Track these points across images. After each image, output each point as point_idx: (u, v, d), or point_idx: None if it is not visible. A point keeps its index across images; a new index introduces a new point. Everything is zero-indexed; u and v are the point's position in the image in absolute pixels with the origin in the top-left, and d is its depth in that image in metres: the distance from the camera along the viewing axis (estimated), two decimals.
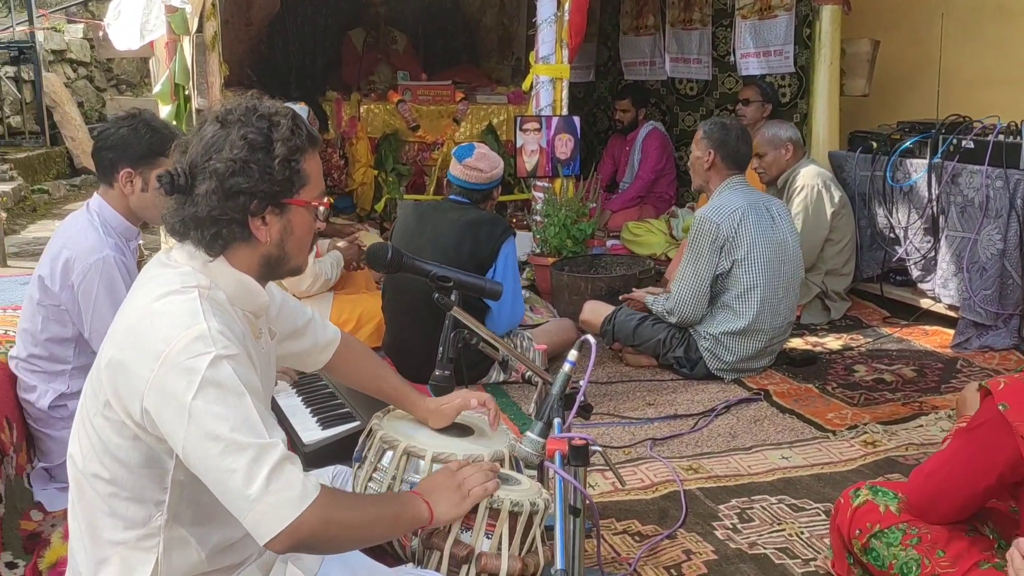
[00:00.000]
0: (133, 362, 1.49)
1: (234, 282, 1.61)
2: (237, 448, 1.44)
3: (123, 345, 1.53)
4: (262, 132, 1.56)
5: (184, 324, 1.49)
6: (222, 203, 1.54)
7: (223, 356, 1.47)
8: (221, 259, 1.60)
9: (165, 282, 1.56)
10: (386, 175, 6.24)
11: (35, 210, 7.79)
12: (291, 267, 1.69)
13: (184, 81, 4.81)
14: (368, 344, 4.01)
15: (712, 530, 2.64)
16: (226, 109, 1.61)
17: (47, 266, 2.58)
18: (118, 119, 2.60)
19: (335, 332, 2.01)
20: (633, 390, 3.76)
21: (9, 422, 2.57)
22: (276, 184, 1.57)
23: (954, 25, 5.12)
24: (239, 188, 1.54)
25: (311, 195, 1.63)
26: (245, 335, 1.61)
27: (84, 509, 1.61)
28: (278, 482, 1.45)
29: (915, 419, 3.40)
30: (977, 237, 4.13)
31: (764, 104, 5.36)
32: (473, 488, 1.69)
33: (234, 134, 1.55)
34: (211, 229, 1.56)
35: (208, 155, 1.55)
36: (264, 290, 1.68)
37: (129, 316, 1.57)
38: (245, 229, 1.58)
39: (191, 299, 1.52)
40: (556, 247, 4.83)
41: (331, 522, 1.50)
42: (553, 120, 4.98)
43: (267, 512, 1.44)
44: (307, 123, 1.64)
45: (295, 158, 1.58)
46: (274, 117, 1.58)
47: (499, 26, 8.10)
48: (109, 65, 10.82)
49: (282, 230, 1.61)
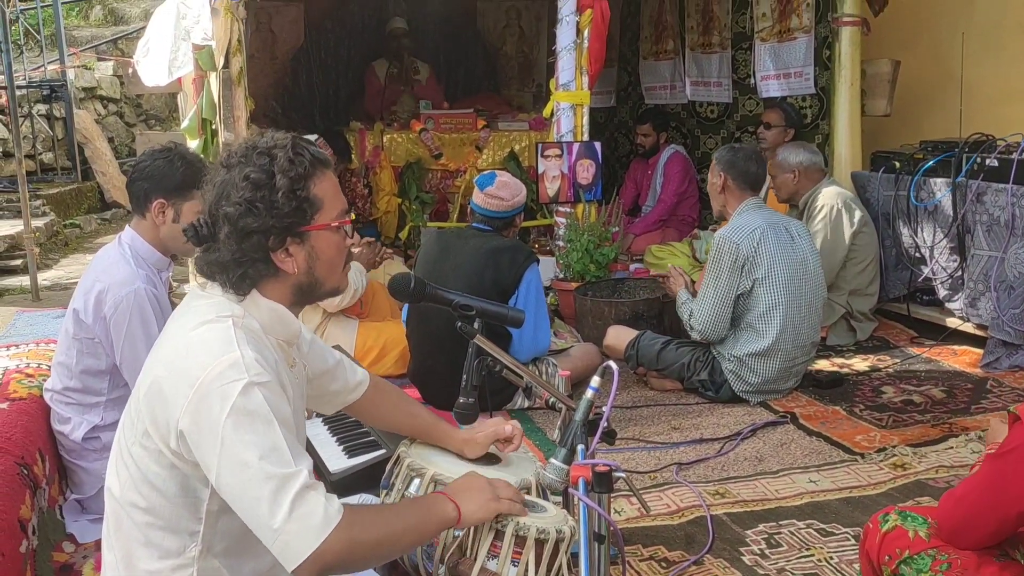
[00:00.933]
0: (170, 389, 1.53)
1: (268, 311, 1.64)
2: (264, 476, 1.46)
3: (160, 374, 1.56)
4: (263, 169, 1.58)
5: (219, 351, 1.52)
6: (240, 245, 1.58)
7: (255, 383, 1.50)
8: (254, 291, 1.63)
9: (201, 312, 1.60)
10: (410, 203, 6.30)
11: (67, 244, 7.93)
12: (327, 290, 1.71)
13: (211, 116, 4.91)
14: (393, 372, 4.05)
15: (740, 556, 2.62)
16: (228, 152, 1.64)
17: (81, 299, 2.63)
18: (154, 151, 2.67)
19: (364, 374, 2.02)
20: (658, 414, 3.75)
21: (42, 454, 2.61)
22: (286, 217, 1.58)
23: (975, 42, 5.10)
24: (251, 228, 1.57)
25: (329, 217, 1.64)
26: (278, 363, 1.64)
27: (120, 539, 1.64)
28: (300, 510, 1.47)
29: (945, 441, 3.36)
30: (1004, 256, 4.09)
31: (786, 129, 5.34)
32: (504, 498, 1.69)
33: (237, 175, 1.58)
34: (236, 271, 1.60)
35: (219, 201, 1.59)
36: (297, 319, 1.70)
37: (166, 346, 1.61)
38: (270, 265, 1.61)
39: (226, 328, 1.56)
40: (579, 272, 4.85)
41: (356, 542, 1.52)
42: (574, 146, 5.02)
43: (292, 540, 1.46)
44: (310, 148, 1.64)
45: (300, 187, 1.59)
46: (272, 151, 1.60)
47: (519, 54, 8.19)
48: (138, 101, 11.04)
49: (307, 258, 1.63)
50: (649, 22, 7.12)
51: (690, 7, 6.66)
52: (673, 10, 6.85)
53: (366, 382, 2.01)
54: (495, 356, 2.06)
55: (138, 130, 10.80)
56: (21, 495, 2.29)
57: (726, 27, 6.35)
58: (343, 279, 1.73)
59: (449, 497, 1.66)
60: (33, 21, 10.43)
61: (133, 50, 7.28)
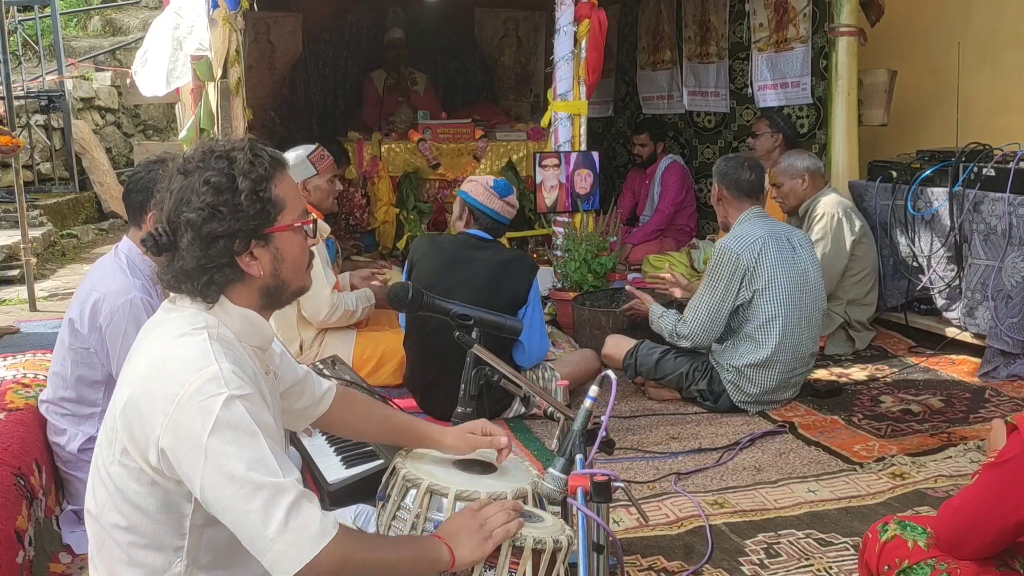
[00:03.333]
0: (148, 406, 1.51)
1: (239, 318, 1.62)
2: (254, 488, 1.45)
3: (137, 390, 1.54)
4: (223, 172, 1.56)
5: (196, 366, 1.50)
6: (205, 251, 1.56)
7: (236, 396, 1.48)
8: (222, 298, 1.61)
9: (174, 326, 1.58)
10: (408, 213, 6.31)
11: (64, 255, 7.92)
12: (292, 291, 1.69)
13: (209, 126, 4.92)
14: (392, 381, 4.04)
15: (739, 566, 2.61)
16: (185, 158, 1.62)
17: (77, 309, 2.63)
18: (149, 162, 2.68)
19: (330, 383, 1.99)
20: (656, 424, 3.75)
21: (39, 465, 2.60)
22: (251, 219, 1.57)
23: (971, 53, 5.12)
24: (216, 233, 1.55)
25: (292, 217, 1.63)
26: (256, 372, 1.62)
27: (104, 560, 1.62)
28: (296, 520, 1.46)
29: (944, 450, 3.36)
30: (1002, 265, 4.10)
31: (774, 134, 5.36)
32: (495, 529, 1.67)
33: (197, 181, 1.56)
34: (202, 278, 1.57)
35: (179, 207, 1.56)
36: (268, 323, 1.69)
37: (140, 361, 1.57)
38: (236, 269, 1.60)
39: (201, 341, 1.54)
40: (577, 281, 4.85)
41: (349, 561, 1.50)
42: (572, 155, 5.03)
43: (286, 550, 1.45)
44: (267, 149, 1.63)
45: (262, 188, 1.58)
46: (231, 153, 1.58)
47: (517, 64, 8.22)
48: (136, 111, 11.06)
49: (272, 260, 1.62)
50: (646, 32, 7.15)
51: (687, 17, 6.69)
52: (670, 20, 6.87)
53: (333, 390, 1.97)
54: (493, 365, 2.06)
55: (136, 140, 10.81)
56: (18, 506, 2.29)
57: (723, 37, 6.37)
58: (307, 278, 1.73)
59: (443, 541, 1.64)
60: (31, 31, 10.44)
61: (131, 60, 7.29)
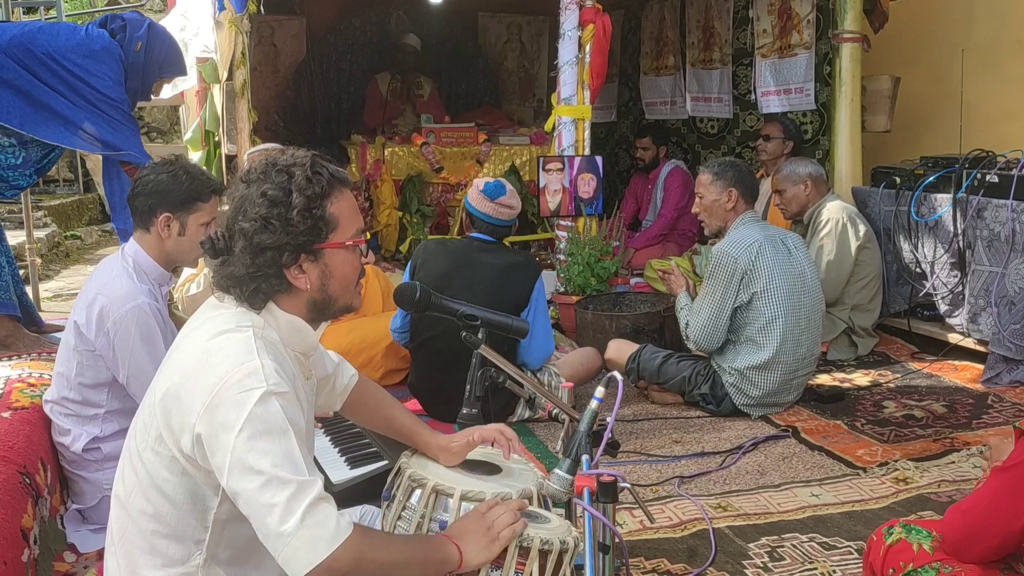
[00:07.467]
0: (188, 395, 1.54)
1: (286, 324, 1.65)
2: (278, 483, 1.47)
3: (178, 380, 1.57)
4: (280, 186, 1.60)
5: (239, 360, 1.53)
6: (254, 260, 1.60)
7: (273, 392, 1.51)
8: (270, 303, 1.65)
9: (221, 321, 1.61)
10: (410, 216, 6.31)
11: (68, 256, 7.94)
12: (340, 307, 1.72)
13: (214, 128, 4.93)
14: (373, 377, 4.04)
15: (742, 569, 2.61)
16: (249, 168, 1.67)
17: (82, 312, 2.63)
18: (156, 166, 2.67)
19: (353, 373, 2.03)
20: (659, 428, 3.75)
21: (44, 464, 2.61)
22: (301, 235, 1.60)
23: (974, 60, 5.13)
24: (265, 244, 1.59)
25: (344, 236, 1.66)
26: (295, 376, 1.65)
27: (124, 547, 1.64)
28: (313, 518, 1.47)
29: (947, 455, 3.36)
30: (1005, 271, 4.10)
31: (785, 141, 5.37)
32: (502, 530, 1.68)
33: (255, 192, 1.60)
34: (250, 286, 1.61)
35: (236, 215, 1.61)
36: (314, 332, 1.71)
37: (184, 353, 1.61)
38: (283, 281, 1.63)
39: (246, 337, 1.57)
40: (580, 285, 4.85)
41: (363, 560, 1.51)
42: (576, 160, 5.04)
43: (301, 547, 1.46)
44: (328, 166, 1.66)
45: (316, 205, 1.61)
46: (291, 169, 1.62)
47: (520, 69, 8.24)
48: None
49: (320, 275, 1.65)
50: (650, 38, 7.16)
51: (691, 23, 6.70)
52: (674, 26, 6.89)
53: (355, 379, 2.02)
54: (499, 366, 2.06)
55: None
56: (23, 504, 2.29)
57: (727, 43, 6.39)
58: (356, 297, 1.75)
59: (452, 540, 1.66)
60: None
61: None
